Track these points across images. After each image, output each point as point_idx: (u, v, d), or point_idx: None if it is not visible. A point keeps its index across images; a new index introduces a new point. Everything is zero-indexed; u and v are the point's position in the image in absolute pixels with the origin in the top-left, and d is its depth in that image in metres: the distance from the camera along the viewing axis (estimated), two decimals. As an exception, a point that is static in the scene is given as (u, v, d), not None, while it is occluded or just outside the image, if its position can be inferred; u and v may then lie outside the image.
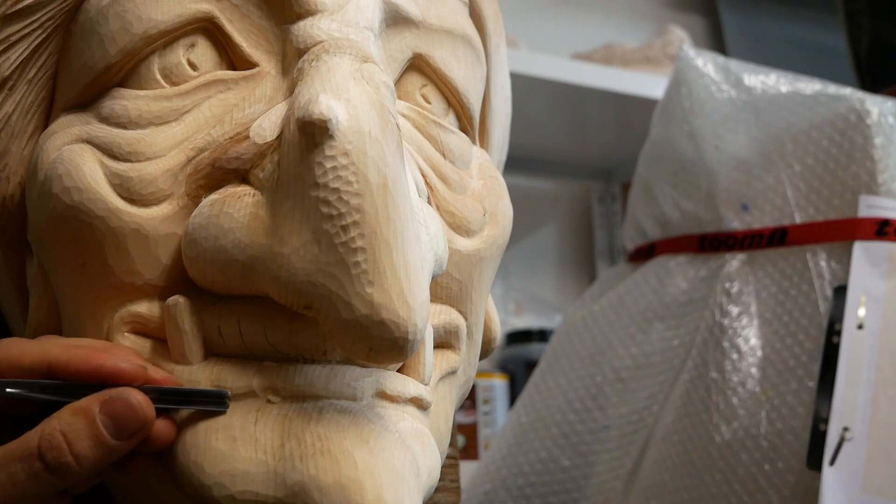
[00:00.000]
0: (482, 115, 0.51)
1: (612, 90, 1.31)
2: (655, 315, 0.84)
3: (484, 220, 0.46)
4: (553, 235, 1.62)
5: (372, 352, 0.35)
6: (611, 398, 0.83)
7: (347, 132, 0.35)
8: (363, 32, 0.41)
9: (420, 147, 0.44)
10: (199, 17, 0.41)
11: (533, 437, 0.85)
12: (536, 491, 0.84)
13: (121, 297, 0.39)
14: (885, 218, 0.74)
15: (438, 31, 0.46)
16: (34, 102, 0.44)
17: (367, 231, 0.34)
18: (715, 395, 0.77)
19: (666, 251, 0.86)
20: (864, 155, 0.76)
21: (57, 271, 0.41)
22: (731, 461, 0.75)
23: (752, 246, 0.80)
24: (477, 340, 0.47)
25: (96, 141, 0.40)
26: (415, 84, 0.45)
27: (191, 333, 0.38)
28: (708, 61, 0.86)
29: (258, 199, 0.37)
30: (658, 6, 1.78)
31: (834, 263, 0.76)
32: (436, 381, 0.43)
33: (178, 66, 0.41)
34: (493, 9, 0.53)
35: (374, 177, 0.35)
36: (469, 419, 1.28)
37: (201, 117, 0.40)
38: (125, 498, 0.41)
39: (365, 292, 0.34)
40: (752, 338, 0.78)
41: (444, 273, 0.43)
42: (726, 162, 0.82)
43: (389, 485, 0.35)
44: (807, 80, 0.84)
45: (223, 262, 0.37)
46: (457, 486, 0.56)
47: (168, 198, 0.39)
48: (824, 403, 0.71)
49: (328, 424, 0.36)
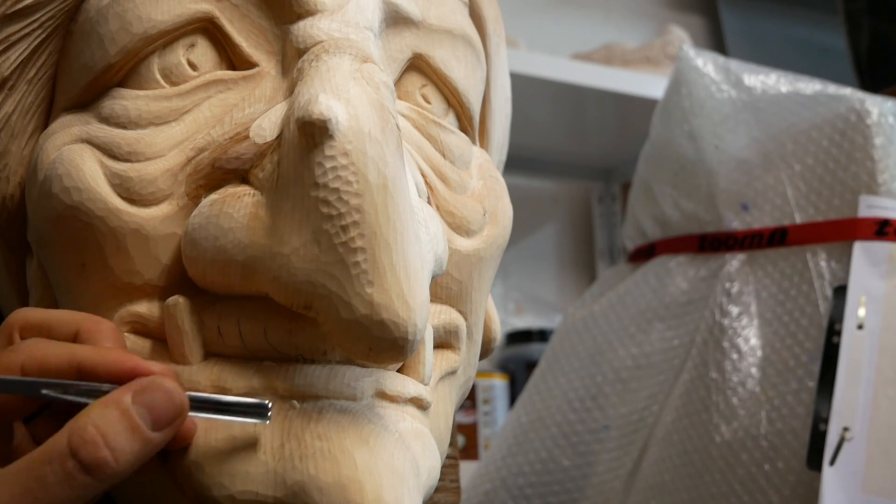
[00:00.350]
0: (482, 115, 0.51)
1: (612, 90, 1.31)
2: (655, 315, 0.84)
3: (484, 220, 0.46)
4: (553, 235, 1.62)
5: (372, 352, 0.35)
6: (611, 398, 0.83)
7: (347, 132, 0.35)
8: (363, 32, 0.41)
9: (420, 147, 0.44)
10: (198, 17, 0.41)
11: (533, 437, 0.85)
12: (536, 491, 0.84)
13: (121, 297, 0.39)
14: (885, 218, 0.74)
15: (438, 31, 0.46)
16: (34, 102, 0.44)
17: (367, 231, 0.34)
18: (715, 395, 0.77)
19: (666, 251, 0.86)
20: (864, 155, 0.76)
21: (57, 271, 0.41)
22: (731, 461, 0.75)
23: (752, 246, 0.80)
24: (477, 340, 0.47)
25: (96, 141, 0.40)
26: (415, 84, 0.46)
27: (191, 333, 0.38)
28: (708, 61, 0.86)
29: (258, 199, 0.37)
30: (658, 6, 1.79)
31: (834, 263, 0.76)
32: (436, 381, 0.43)
33: (177, 66, 0.41)
34: (493, 9, 0.53)
35: (373, 177, 0.35)
36: (469, 419, 1.28)
37: (201, 117, 0.40)
38: (124, 497, 0.41)
39: (365, 292, 0.34)
40: (752, 338, 0.78)
41: (444, 273, 0.43)
42: (726, 162, 0.82)
43: (389, 485, 0.35)
44: (807, 80, 0.84)
45: (223, 262, 0.37)
46: (457, 486, 0.56)
47: (168, 198, 0.39)
48: (824, 403, 0.71)
49: (328, 424, 0.36)
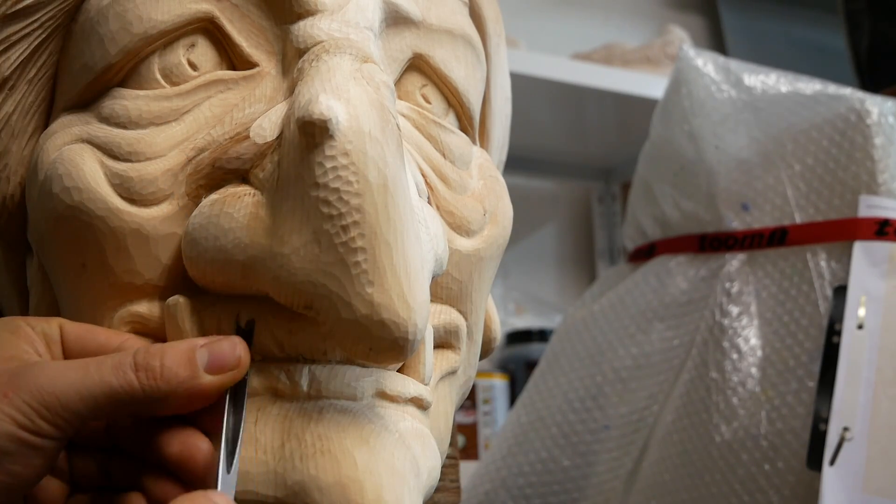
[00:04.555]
0: (482, 115, 0.51)
1: (612, 90, 1.31)
2: (655, 315, 0.84)
3: (484, 220, 0.46)
4: (553, 235, 1.62)
5: (372, 352, 0.35)
6: (611, 398, 0.83)
7: (347, 132, 0.35)
8: (363, 32, 0.41)
9: (420, 147, 0.44)
10: (199, 17, 0.41)
11: (533, 437, 0.85)
12: (536, 491, 0.84)
13: (121, 297, 0.39)
14: (885, 218, 0.74)
15: (438, 31, 0.46)
16: (34, 102, 0.44)
17: (367, 231, 0.34)
18: (715, 395, 0.77)
19: (666, 251, 0.86)
20: (864, 155, 0.76)
21: (57, 271, 0.41)
22: (731, 461, 0.75)
23: (752, 246, 0.80)
24: (477, 340, 0.47)
25: (96, 141, 0.40)
26: (415, 84, 0.45)
27: (191, 333, 0.38)
28: (708, 61, 0.86)
29: (258, 199, 0.37)
30: (658, 6, 1.78)
31: (834, 263, 0.76)
32: (436, 381, 0.43)
33: (178, 66, 0.41)
34: (493, 9, 0.52)
35: (374, 177, 0.35)
36: (469, 419, 1.28)
37: (201, 117, 0.40)
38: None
39: (365, 292, 0.34)
40: (752, 338, 0.78)
41: (444, 273, 0.43)
42: (726, 162, 0.82)
43: (389, 485, 0.35)
44: (807, 80, 0.84)
45: (223, 262, 0.37)
46: (457, 486, 0.56)
47: (168, 198, 0.39)
48: (824, 403, 0.71)
49: (328, 424, 0.36)
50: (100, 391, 0.34)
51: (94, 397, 0.34)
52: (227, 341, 0.36)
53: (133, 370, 0.35)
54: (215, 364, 0.36)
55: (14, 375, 0.33)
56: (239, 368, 0.36)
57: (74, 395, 0.33)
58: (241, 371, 0.36)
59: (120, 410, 0.35)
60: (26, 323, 0.37)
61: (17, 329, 0.36)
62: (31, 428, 0.33)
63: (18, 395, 0.33)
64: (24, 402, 0.32)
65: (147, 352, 0.35)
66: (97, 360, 0.35)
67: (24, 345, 0.36)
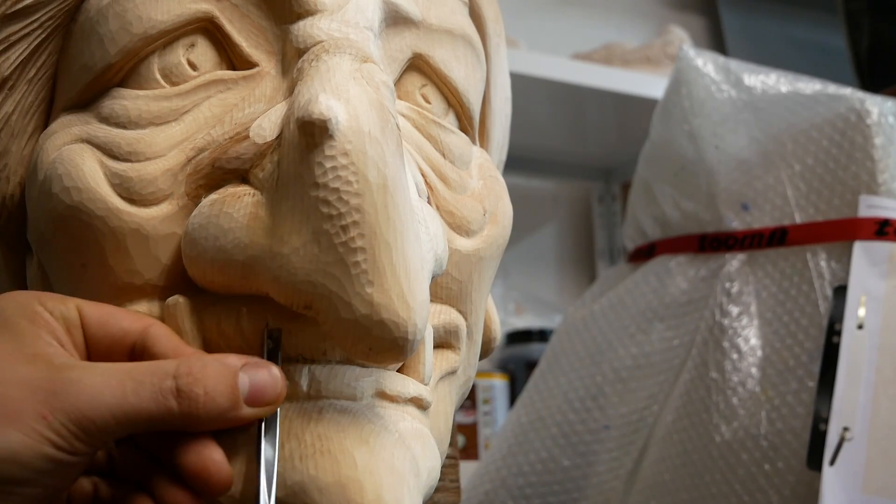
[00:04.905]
0: (482, 115, 0.51)
1: (612, 90, 1.31)
2: (655, 315, 0.84)
3: (484, 220, 0.46)
4: (553, 235, 1.62)
5: (372, 352, 0.35)
6: (611, 398, 0.83)
7: (347, 132, 0.35)
8: (363, 32, 0.41)
9: (420, 147, 0.44)
10: (198, 17, 0.41)
11: (533, 437, 0.85)
12: (536, 491, 0.84)
13: (121, 297, 0.39)
14: (885, 218, 0.74)
15: (438, 31, 0.46)
16: (34, 102, 0.44)
17: (367, 231, 0.34)
18: (715, 395, 0.77)
19: (666, 251, 0.86)
20: (864, 155, 0.76)
21: (57, 271, 0.41)
22: (731, 461, 0.75)
23: (752, 246, 0.80)
24: (477, 340, 0.47)
25: (96, 141, 0.40)
26: (415, 84, 0.45)
27: (191, 333, 0.38)
28: (708, 61, 0.86)
29: (258, 199, 0.37)
30: (658, 6, 1.79)
31: (834, 263, 0.76)
32: (436, 381, 0.43)
33: (177, 66, 0.41)
34: (493, 9, 0.52)
35: (373, 177, 0.35)
36: (469, 419, 1.28)
37: (201, 117, 0.40)
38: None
39: (365, 292, 0.34)
40: (752, 338, 0.78)
41: (444, 273, 0.43)
42: (726, 162, 0.82)
43: (389, 485, 0.35)
44: (807, 80, 0.84)
45: (223, 262, 0.37)
46: (457, 486, 0.56)
47: (168, 198, 0.39)
48: (824, 403, 0.71)
49: (328, 424, 0.36)
50: (137, 416, 0.34)
51: (132, 421, 0.34)
52: (268, 373, 0.36)
53: (174, 396, 0.34)
54: (256, 396, 0.35)
55: (51, 394, 0.33)
56: (277, 402, 0.36)
57: (111, 419, 0.33)
58: (279, 404, 0.36)
59: (153, 429, 0.35)
60: (42, 306, 0.36)
61: (34, 316, 0.36)
62: (68, 450, 0.33)
63: (57, 417, 0.33)
64: (62, 424, 0.33)
65: (190, 375, 0.34)
66: (134, 377, 0.34)
67: (45, 335, 0.35)
